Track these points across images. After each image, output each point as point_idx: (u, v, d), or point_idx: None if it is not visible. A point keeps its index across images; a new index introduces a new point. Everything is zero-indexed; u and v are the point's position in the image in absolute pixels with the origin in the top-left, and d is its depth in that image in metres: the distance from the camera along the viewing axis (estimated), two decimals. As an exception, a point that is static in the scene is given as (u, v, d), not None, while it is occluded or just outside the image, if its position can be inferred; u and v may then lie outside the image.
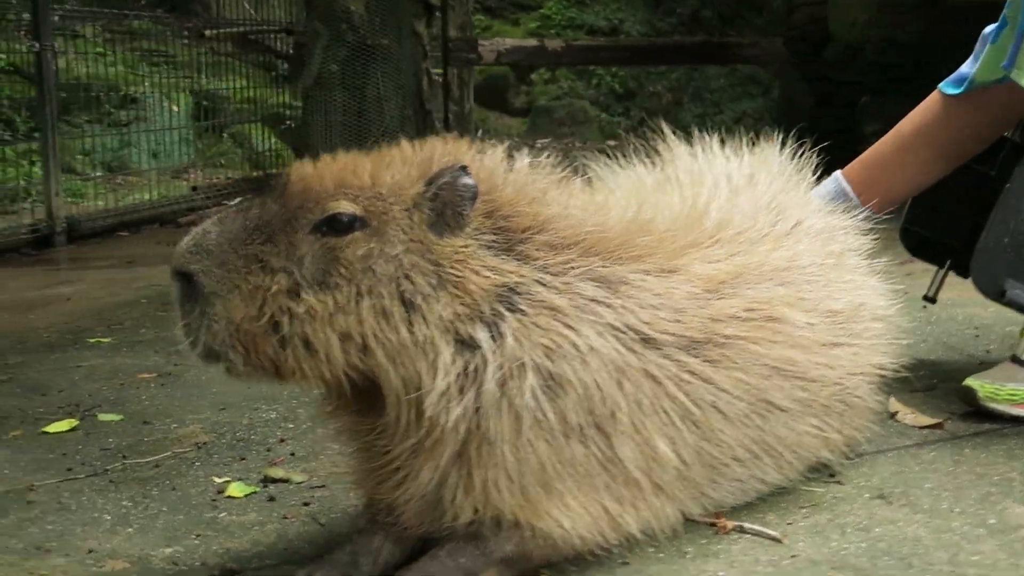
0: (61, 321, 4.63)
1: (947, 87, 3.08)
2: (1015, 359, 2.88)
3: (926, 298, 3.31)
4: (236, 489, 2.63)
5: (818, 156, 2.84)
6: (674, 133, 2.87)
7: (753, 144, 2.86)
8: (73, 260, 6.50)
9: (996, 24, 2.93)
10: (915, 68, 8.16)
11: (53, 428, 3.17)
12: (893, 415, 2.89)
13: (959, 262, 3.15)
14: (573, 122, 14.96)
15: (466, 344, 1.98)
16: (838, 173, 3.16)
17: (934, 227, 3.22)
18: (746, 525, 2.28)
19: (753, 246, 2.40)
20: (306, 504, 2.54)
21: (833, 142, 7.62)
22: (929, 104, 3.12)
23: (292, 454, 2.88)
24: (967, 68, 3.05)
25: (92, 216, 7.32)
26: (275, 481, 2.68)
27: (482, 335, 1.99)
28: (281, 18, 10.05)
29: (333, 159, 2.13)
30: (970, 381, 2.86)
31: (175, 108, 9.93)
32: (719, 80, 14.67)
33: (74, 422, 3.20)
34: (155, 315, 4.64)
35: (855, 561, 2.13)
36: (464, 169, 2.04)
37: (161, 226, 7.68)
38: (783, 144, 2.86)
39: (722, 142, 2.89)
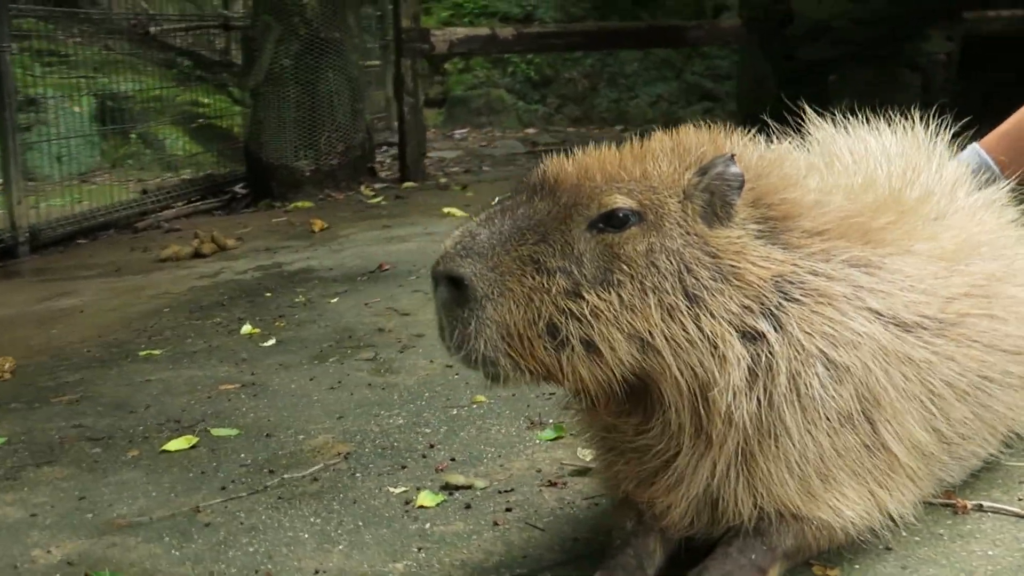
0: (93, 335, 4.43)
1: None
2: None
3: None
4: (426, 499, 2.55)
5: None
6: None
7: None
8: (49, 271, 6.22)
9: None
10: (882, 43, 8.35)
11: (173, 446, 3.03)
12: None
13: None
14: (490, 111, 14.91)
15: (751, 336, 1.96)
16: (976, 145, 3.20)
17: None
18: (985, 504, 2.29)
19: (951, 220, 2.41)
20: (508, 510, 2.48)
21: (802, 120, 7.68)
22: None
23: (452, 459, 2.80)
24: None
25: (54, 224, 7.01)
26: (458, 488, 2.61)
27: (766, 326, 1.96)
28: (187, 10, 9.75)
29: (589, 153, 2.08)
30: None
31: (77, 109, 9.59)
32: (633, 65, 14.75)
33: (193, 439, 3.07)
34: (190, 324, 4.48)
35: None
36: (732, 158, 2.00)
37: (117, 232, 7.39)
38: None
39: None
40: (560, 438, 2.91)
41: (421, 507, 2.53)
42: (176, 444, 3.05)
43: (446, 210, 7.01)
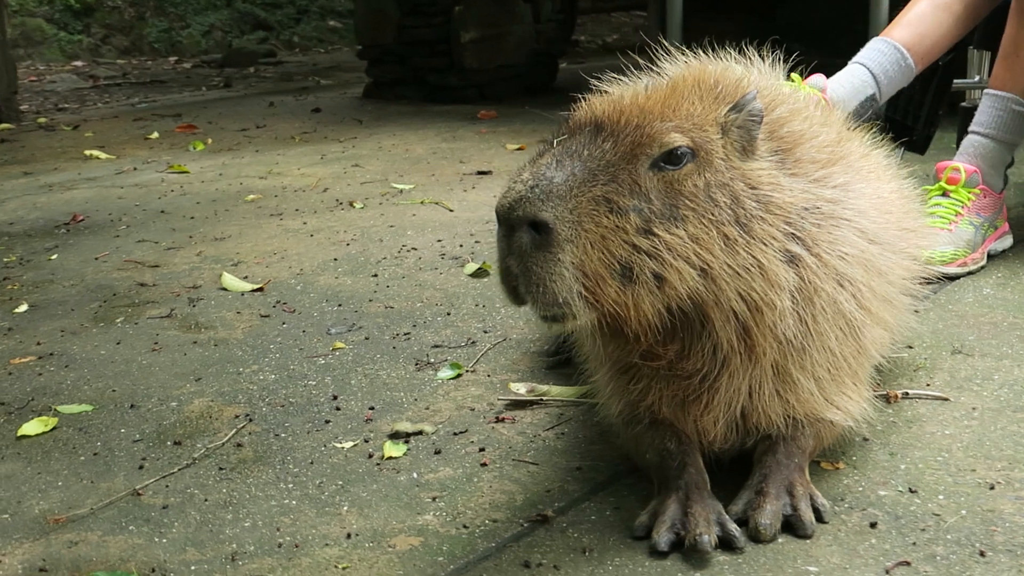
0: None
1: None
2: None
3: None
4: (392, 449, 2.49)
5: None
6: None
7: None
8: None
9: None
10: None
11: (31, 430, 2.71)
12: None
13: (913, 142, 3.67)
14: (28, 43, 13.84)
15: (792, 259, 2.11)
16: (885, 37, 3.52)
17: (897, 109, 3.71)
18: (911, 391, 2.62)
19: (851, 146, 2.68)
20: (482, 450, 2.48)
21: (430, 51, 7.94)
22: None
23: (371, 408, 2.75)
24: None
25: None
26: (410, 435, 2.57)
27: (800, 250, 2.12)
28: None
29: (629, 92, 2.13)
30: None
31: None
32: (178, -9, 14.25)
33: (49, 420, 2.75)
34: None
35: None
36: (755, 94, 2.14)
37: None
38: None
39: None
40: (460, 375, 2.93)
41: (391, 458, 2.46)
42: (33, 428, 2.71)
43: (87, 152, 6.54)
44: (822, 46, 6.82)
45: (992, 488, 2.18)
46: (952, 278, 3.46)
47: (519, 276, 1.95)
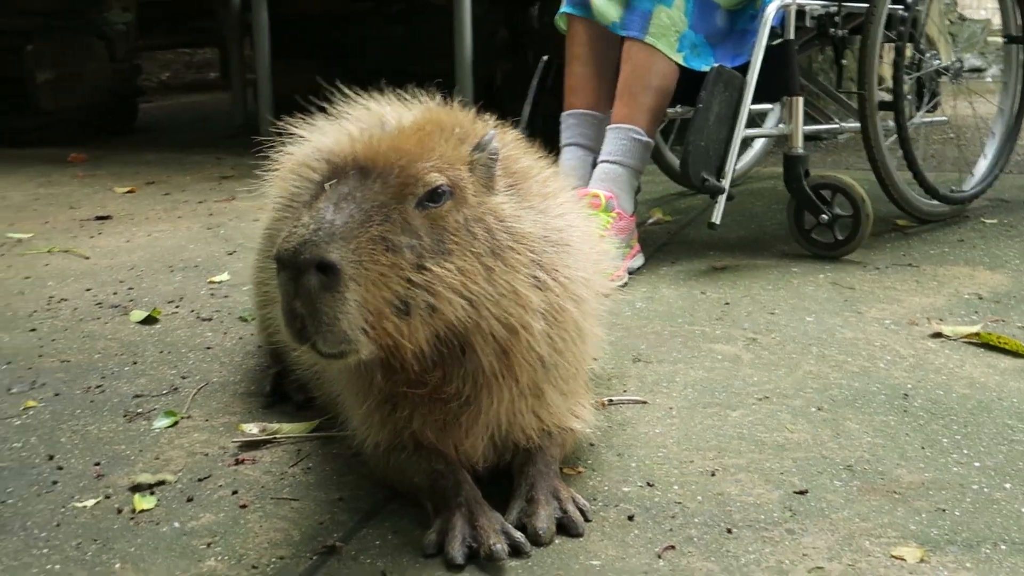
0: None
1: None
2: None
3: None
4: (142, 502, 2.45)
5: None
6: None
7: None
8: None
9: None
10: (68, 15, 8.26)
11: None
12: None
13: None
14: None
15: (539, 284, 2.32)
16: (574, 112, 4.08)
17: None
18: (614, 398, 2.91)
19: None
20: (235, 492, 2.48)
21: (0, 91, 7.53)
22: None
23: (97, 463, 2.66)
24: None
25: None
26: (152, 486, 2.52)
27: (544, 275, 2.34)
28: None
29: (385, 132, 2.25)
30: None
31: None
32: None
33: None
34: None
35: (710, 399, 2.93)
36: (494, 135, 2.34)
37: None
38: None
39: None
40: (177, 423, 2.89)
41: (143, 511, 2.41)
42: None
43: None
44: (406, 78, 7.17)
45: (713, 475, 2.49)
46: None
47: (308, 317, 2.02)
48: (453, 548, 2.14)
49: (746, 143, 5.84)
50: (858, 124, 4.60)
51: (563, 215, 2.50)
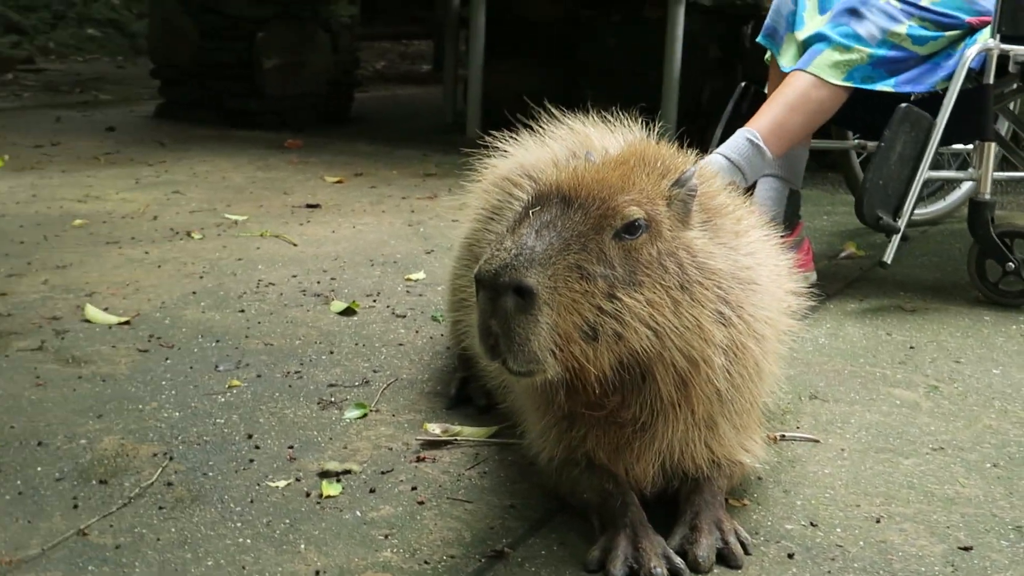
0: None
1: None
2: None
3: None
4: (329, 488, 2.62)
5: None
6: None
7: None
8: None
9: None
10: (302, 4, 8.68)
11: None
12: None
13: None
14: None
15: (724, 320, 2.39)
16: (750, 131, 3.99)
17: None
18: (786, 434, 2.95)
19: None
20: (414, 488, 2.63)
21: (230, 75, 7.97)
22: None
23: (291, 447, 2.86)
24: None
25: None
26: (339, 474, 2.69)
27: (729, 311, 2.40)
28: None
29: (590, 165, 2.36)
30: None
31: None
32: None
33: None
34: None
35: (884, 444, 2.94)
36: (695, 171, 2.41)
37: None
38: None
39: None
40: (366, 415, 3.07)
41: (329, 497, 2.58)
42: None
43: None
44: (615, 89, 7.30)
45: (878, 521, 2.51)
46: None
47: (501, 336, 2.15)
48: (615, 567, 2.23)
49: (951, 185, 5.75)
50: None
51: (753, 253, 2.56)
